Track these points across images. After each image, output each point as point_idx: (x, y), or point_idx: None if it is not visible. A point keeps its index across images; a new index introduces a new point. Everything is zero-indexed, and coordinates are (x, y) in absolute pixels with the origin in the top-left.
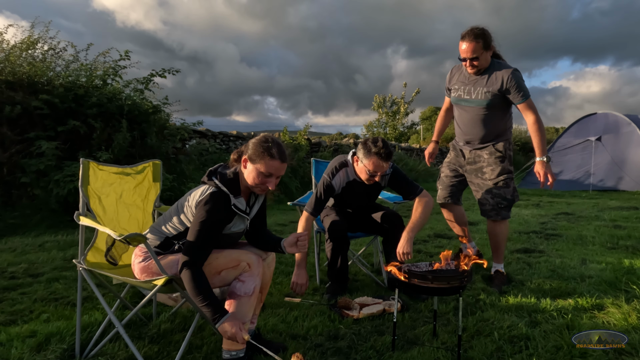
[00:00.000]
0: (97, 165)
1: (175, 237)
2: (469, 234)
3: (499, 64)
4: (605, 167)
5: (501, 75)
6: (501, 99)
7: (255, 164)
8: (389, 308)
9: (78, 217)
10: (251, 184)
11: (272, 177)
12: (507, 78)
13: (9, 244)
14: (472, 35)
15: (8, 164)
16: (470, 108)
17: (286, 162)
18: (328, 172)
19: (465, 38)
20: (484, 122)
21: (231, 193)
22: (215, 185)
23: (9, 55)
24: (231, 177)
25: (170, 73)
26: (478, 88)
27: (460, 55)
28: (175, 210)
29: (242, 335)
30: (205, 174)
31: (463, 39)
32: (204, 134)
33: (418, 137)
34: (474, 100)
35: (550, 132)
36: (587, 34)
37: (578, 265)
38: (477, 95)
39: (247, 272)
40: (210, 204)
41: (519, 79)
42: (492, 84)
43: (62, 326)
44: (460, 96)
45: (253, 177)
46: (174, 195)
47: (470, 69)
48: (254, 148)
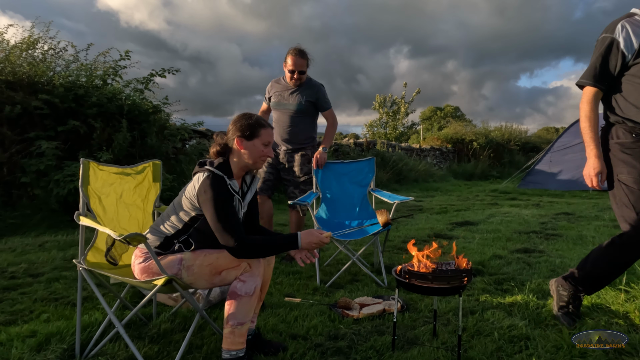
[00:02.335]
0: (97, 165)
1: (175, 236)
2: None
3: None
4: None
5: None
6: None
7: (254, 139)
8: (389, 308)
9: (78, 217)
10: (256, 160)
11: (269, 145)
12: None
13: (9, 244)
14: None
15: (8, 164)
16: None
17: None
18: None
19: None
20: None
21: (225, 175)
22: (208, 171)
23: (9, 55)
24: (221, 162)
25: (170, 73)
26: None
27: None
28: (172, 209)
29: (323, 237)
30: (197, 164)
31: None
32: (204, 134)
33: (418, 137)
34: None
35: (551, 132)
36: (590, 34)
37: None
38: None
39: (247, 272)
40: (211, 185)
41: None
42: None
43: (62, 326)
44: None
45: (258, 151)
46: (174, 195)
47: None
48: (243, 127)
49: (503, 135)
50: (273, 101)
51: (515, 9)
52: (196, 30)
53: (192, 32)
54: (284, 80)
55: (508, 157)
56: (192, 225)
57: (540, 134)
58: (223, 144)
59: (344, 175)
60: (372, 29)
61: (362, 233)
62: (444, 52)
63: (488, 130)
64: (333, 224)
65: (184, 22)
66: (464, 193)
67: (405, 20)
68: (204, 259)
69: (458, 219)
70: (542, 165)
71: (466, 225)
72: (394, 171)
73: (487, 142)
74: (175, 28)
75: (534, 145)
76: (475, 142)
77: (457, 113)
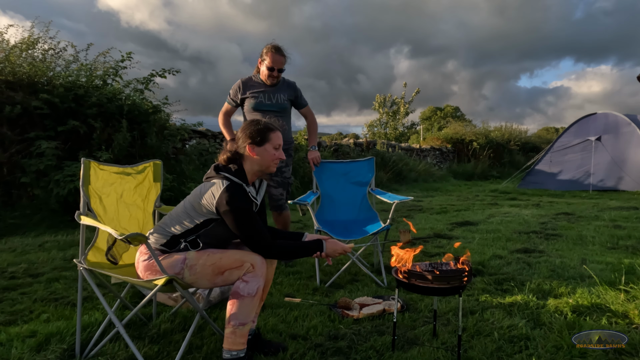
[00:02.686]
0: (98, 165)
1: (183, 235)
2: None
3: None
4: (605, 167)
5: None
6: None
7: (265, 144)
8: (389, 308)
9: (79, 216)
10: (269, 164)
11: (280, 147)
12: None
13: (9, 244)
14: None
15: (8, 164)
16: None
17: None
18: None
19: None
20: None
21: (243, 182)
22: (226, 178)
23: (9, 55)
24: (236, 168)
25: (170, 73)
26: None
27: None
28: (183, 209)
29: (346, 247)
30: (212, 169)
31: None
32: (203, 134)
33: (418, 137)
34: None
35: (551, 132)
36: (590, 34)
37: (578, 265)
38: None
39: (250, 272)
40: (234, 196)
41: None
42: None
43: (62, 326)
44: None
45: (270, 155)
46: (174, 195)
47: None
48: (253, 133)
49: (503, 135)
50: (251, 102)
51: (515, 9)
52: (197, 31)
53: (193, 32)
54: (256, 79)
55: (508, 157)
56: (204, 227)
57: (540, 134)
58: (234, 151)
59: (343, 175)
60: (372, 29)
61: (362, 233)
62: (444, 52)
63: (488, 130)
64: (333, 224)
65: (184, 22)
66: (464, 193)
67: (405, 21)
68: (207, 259)
69: (458, 219)
70: (542, 165)
71: (466, 225)
72: (394, 171)
73: (487, 142)
74: (175, 28)
75: (534, 145)
76: (475, 142)
77: (456, 113)
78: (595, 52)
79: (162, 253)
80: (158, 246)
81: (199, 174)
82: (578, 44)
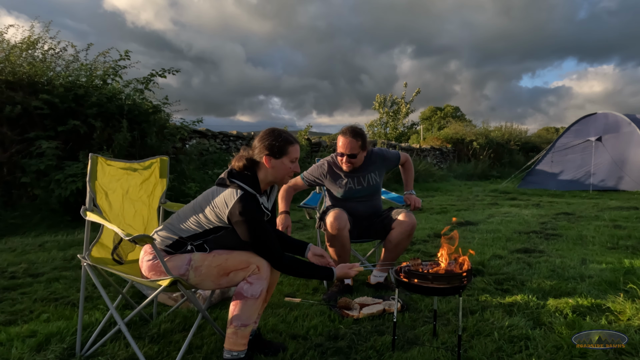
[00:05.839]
0: (106, 161)
1: (191, 238)
2: None
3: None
4: (606, 167)
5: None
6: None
7: (283, 157)
8: (389, 308)
9: (84, 212)
10: (283, 176)
11: (296, 161)
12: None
13: (9, 244)
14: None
15: (8, 164)
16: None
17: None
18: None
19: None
20: None
21: (256, 191)
22: (240, 187)
23: (9, 55)
24: (249, 175)
25: (170, 73)
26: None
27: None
28: (193, 212)
29: (353, 271)
30: (225, 176)
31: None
32: (204, 134)
33: (418, 137)
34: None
35: (551, 132)
36: (594, 34)
37: (578, 265)
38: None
39: (256, 274)
40: (246, 207)
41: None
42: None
43: (62, 326)
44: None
45: (285, 168)
46: (174, 195)
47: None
48: (272, 144)
49: (503, 135)
50: (340, 192)
51: (520, 9)
52: (201, 31)
53: (198, 32)
54: (338, 166)
55: (508, 157)
56: (213, 234)
57: (541, 133)
58: (249, 158)
59: None
60: (377, 29)
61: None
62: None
63: (488, 130)
64: None
65: (189, 22)
66: (464, 193)
67: (411, 20)
68: (212, 260)
69: (458, 219)
70: (543, 165)
71: (466, 225)
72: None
73: (487, 142)
74: (180, 28)
75: (534, 145)
76: (475, 142)
77: (457, 113)
78: (598, 52)
79: (167, 254)
80: (164, 247)
81: (199, 173)
82: (581, 44)
